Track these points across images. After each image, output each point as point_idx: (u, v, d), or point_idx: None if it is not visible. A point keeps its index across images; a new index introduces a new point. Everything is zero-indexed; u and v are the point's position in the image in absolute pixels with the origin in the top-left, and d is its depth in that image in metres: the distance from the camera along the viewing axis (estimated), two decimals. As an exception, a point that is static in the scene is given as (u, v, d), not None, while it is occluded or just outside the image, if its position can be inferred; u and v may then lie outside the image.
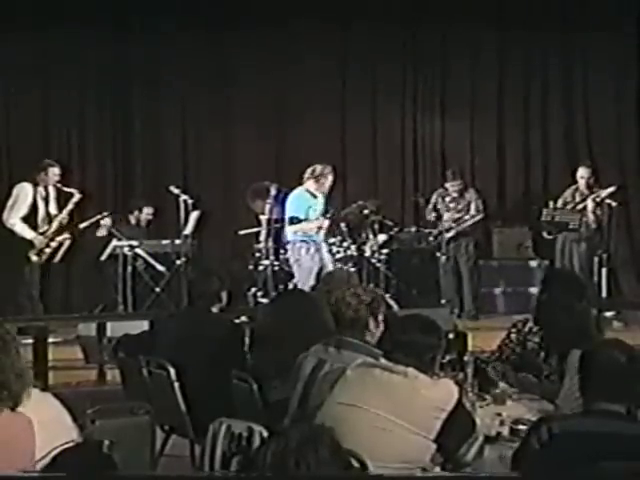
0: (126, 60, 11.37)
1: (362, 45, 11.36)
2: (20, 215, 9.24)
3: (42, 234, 9.27)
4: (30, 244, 9.23)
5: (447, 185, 10.45)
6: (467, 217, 10.28)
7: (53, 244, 9.30)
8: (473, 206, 10.35)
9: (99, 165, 11.42)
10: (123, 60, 11.34)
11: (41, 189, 9.33)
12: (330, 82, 11.41)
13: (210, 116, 11.45)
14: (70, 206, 9.41)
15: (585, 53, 11.33)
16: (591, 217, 9.84)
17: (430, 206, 10.48)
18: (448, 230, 10.23)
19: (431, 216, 10.44)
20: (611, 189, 9.83)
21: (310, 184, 9.26)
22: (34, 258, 9.22)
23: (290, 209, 9.20)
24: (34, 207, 9.28)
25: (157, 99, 11.45)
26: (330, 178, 9.29)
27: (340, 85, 11.52)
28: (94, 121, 11.41)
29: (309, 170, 9.26)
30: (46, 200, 9.38)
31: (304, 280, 8.97)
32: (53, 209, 9.42)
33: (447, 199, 10.42)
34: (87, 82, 11.30)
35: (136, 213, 10.56)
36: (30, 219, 9.27)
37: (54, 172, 9.38)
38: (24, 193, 9.28)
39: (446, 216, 10.35)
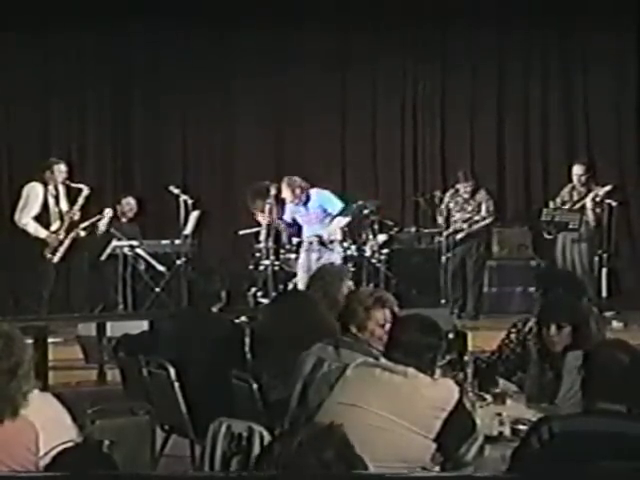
0: (126, 60, 11.38)
1: (362, 45, 11.35)
2: (32, 215, 9.30)
3: (55, 232, 9.30)
4: (44, 243, 9.27)
5: (458, 186, 10.40)
6: (478, 218, 10.24)
7: (67, 241, 9.34)
8: (484, 207, 10.32)
9: (99, 165, 11.42)
10: (123, 60, 11.35)
11: (51, 188, 9.39)
12: (330, 82, 11.40)
13: (210, 116, 11.45)
14: (80, 202, 9.46)
15: (585, 53, 11.32)
16: (591, 215, 9.84)
17: (443, 207, 10.37)
18: (458, 232, 10.19)
19: (443, 218, 10.30)
20: (607, 187, 9.83)
21: None
22: (49, 257, 9.25)
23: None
24: (45, 206, 9.32)
25: (157, 99, 11.45)
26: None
27: (340, 85, 11.52)
28: (94, 121, 11.42)
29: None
30: (56, 198, 9.42)
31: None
32: (64, 206, 9.46)
33: (459, 200, 10.38)
34: (87, 82, 11.30)
35: (119, 208, 10.53)
36: (42, 218, 9.31)
37: (60, 169, 9.43)
38: (34, 193, 9.33)
39: (457, 216, 10.31)
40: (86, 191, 9.48)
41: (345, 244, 9.45)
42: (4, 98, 11.06)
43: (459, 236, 10.22)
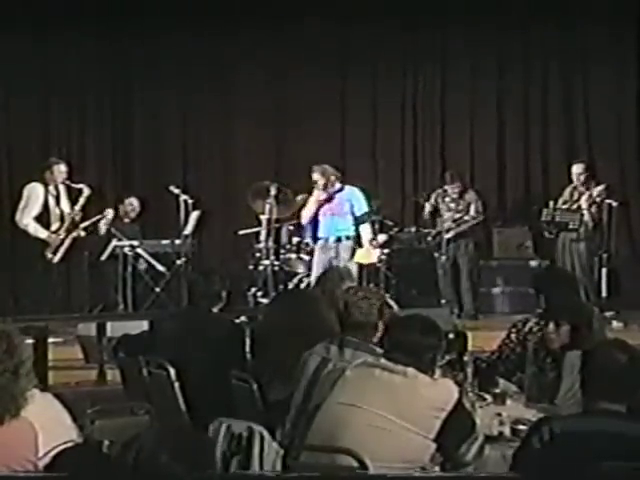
0: (126, 60, 11.39)
1: (362, 46, 11.35)
2: (32, 215, 9.34)
3: (55, 232, 9.32)
4: (44, 243, 9.28)
5: (446, 187, 10.45)
6: (467, 217, 10.27)
7: (67, 241, 9.35)
8: (473, 207, 10.35)
9: (99, 165, 11.42)
10: (123, 60, 11.37)
11: (52, 188, 9.43)
12: (330, 82, 11.41)
13: (210, 116, 11.45)
14: (81, 202, 9.48)
15: (585, 53, 11.32)
16: (586, 215, 9.85)
17: (428, 206, 10.46)
18: (448, 231, 10.22)
19: (428, 216, 10.42)
20: (601, 187, 9.85)
21: None
22: (50, 257, 9.27)
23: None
24: (45, 206, 9.34)
25: (157, 99, 11.46)
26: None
27: (340, 85, 11.52)
28: (94, 121, 11.42)
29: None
30: (57, 198, 9.44)
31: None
32: (65, 207, 9.48)
33: (447, 200, 10.41)
34: (87, 82, 11.31)
35: (121, 208, 10.53)
36: (42, 218, 9.32)
37: (60, 170, 9.46)
38: (35, 193, 9.36)
39: (446, 216, 10.34)
40: (87, 191, 9.51)
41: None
42: (4, 98, 11.07)
43: (447, 236, 10.23)
